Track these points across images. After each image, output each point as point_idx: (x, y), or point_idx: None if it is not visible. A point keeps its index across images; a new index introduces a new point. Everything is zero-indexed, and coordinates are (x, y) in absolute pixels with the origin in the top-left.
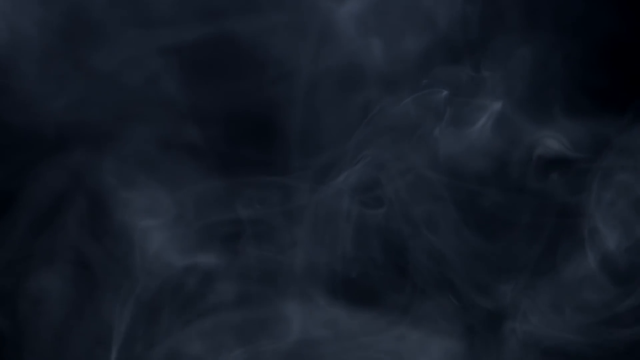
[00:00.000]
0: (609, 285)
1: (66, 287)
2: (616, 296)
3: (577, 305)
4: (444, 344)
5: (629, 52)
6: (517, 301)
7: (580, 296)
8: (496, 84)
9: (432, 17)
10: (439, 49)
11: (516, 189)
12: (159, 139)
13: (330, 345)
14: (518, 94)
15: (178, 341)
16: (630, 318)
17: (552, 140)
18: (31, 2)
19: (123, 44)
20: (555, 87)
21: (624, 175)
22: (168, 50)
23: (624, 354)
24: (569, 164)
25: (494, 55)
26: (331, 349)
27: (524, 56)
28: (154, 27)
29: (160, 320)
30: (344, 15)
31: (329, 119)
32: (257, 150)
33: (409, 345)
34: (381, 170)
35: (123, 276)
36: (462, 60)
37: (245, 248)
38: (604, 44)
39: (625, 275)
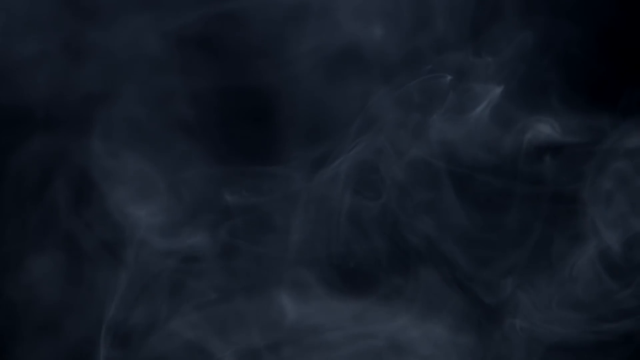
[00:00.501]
0: (607, 276)
1: (54, 271)
2: (614, 286)
3: (575, 296)
4: (446, 333)
5: (627, 39)
6: (516, 294)
7: (579, 287)
8: (496, 69)
9: (433, 3)
10: (440, 34)
11: (513, 174)
12: (153, 122)
13: (329, 334)
14: (517, 79)
15: (170, 329)
16: (628, 308)
17: (548, 126)
18: None
19: (120, 22)
20: (554, 73)
21: (619, 162)
22: (165, 31)
23: (622, 344)
24: (566, 150)
25: (494, 41)
26: (330, 338)
27: (524, 42)
28: (152, 6)
29: (152, 309)
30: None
31: (328, 105)
32: (252, 137)
33: (411, 334)
34: (378, 156)
35: (112, 262)
36: (463, 45)
37: (238, 235)
38: (604, 30)
39: (623, 265)
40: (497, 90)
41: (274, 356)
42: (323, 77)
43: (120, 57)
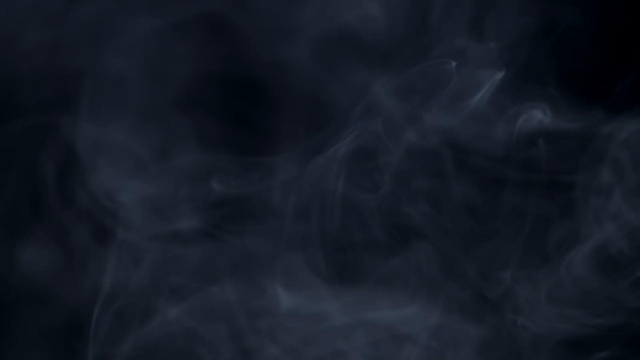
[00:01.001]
0: (603, 269)
1: (40, 252)
2: (610, 279)
3: (570, 291)
4: (443, 322)
5: (629, 25)
6: (513, 288)
7: (575, 281)
8: (498, 55)
9: None
10: (441, 20)
11: (510, 162)
12: (144, 102)
13: (324, 323)
14: (518, 65)
15: (162, 318)
16: (624, 301)
17: (545, 114)
18: None
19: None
20: (554, 60)
21: (615, 151)
22: (161, 11)
23: (618, 337)
24: (562, 139)
25: (496, 27)
26: (324, 327)
27: (526, 27)
28: None
29: (139, 294)
30: None
31: (327, 94)
32: (246, 125)
33: (408, 323)
34: (376, 144)
35: (97, 244)
36: (464, 31)
37: (226, 223)
38: (606, 16)
39: (619, 258)
40: (498, 76)
41: (269, 346)
42: (323, 65)
43: (111, 34)
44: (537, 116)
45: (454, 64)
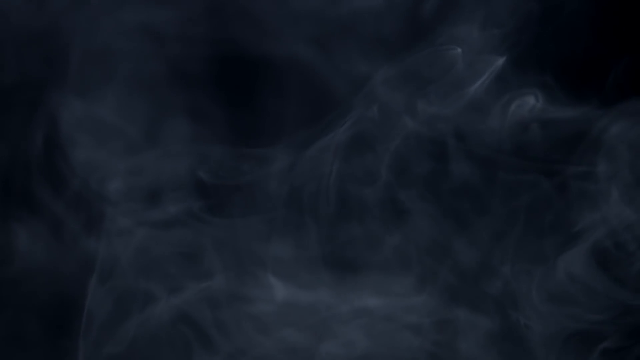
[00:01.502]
0: (599, 266)
1: (29, 241)
2: (606, 276)
3: (565, 288)
4: (441, 313)
5: (629, 13)
6: (509, 282)
7: (571, 280)
8: (500, 42)
9: None
10: (444, 8)
11: (503, 147)
12: (139, 86)
13: (318, 314)
14: (518, 52)
15: (152, 306)
16: (620, 298)
17: (536, 99)
18: None
19: None
20: (555, 46)
21: (612, 142)
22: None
23: (614, 332)
24: (559, 128)
25: (499, 13)
26: (319, 318)
27: (529, 13)
28: None
29: (129, 285)
30: None
31: (325, 83)
32: (240, 115)
33: (404, 314)
34: (375, 133)
35: (86, 233)
36: (467, 18)
37: (214, 215)
38: (607, 5)
39: (616, 253)
40: (499, 63)
41: (261, 337)
42: (323, 53)
43: (104, 17)
44: (530, 102)
45: (459, 50)
